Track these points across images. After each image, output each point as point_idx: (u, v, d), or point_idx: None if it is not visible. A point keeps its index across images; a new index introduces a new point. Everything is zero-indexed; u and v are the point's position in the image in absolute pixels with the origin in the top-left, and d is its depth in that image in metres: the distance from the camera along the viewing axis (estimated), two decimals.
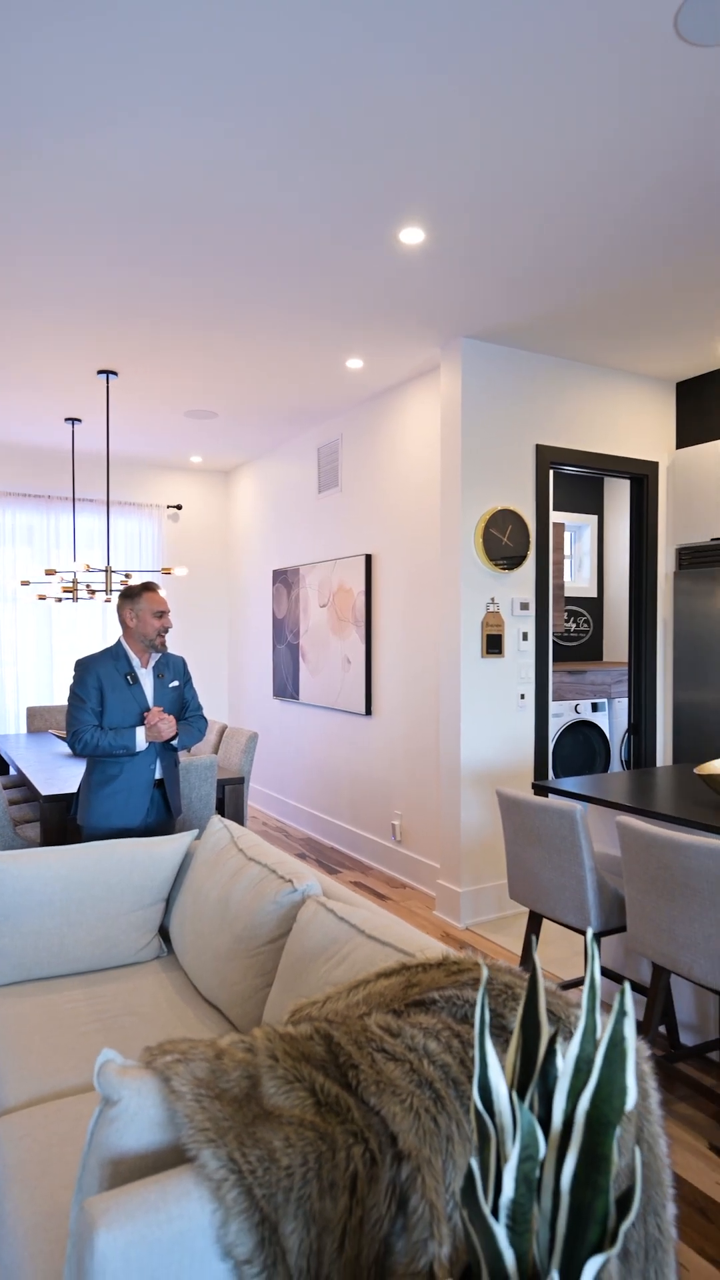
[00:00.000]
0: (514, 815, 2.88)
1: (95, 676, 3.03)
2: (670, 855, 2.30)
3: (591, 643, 6.95)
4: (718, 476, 4.38)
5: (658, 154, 2.51)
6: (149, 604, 3.09)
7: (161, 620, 3.10)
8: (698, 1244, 1.98)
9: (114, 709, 3.04)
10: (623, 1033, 0.80)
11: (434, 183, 2.65)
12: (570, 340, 4.13)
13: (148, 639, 3.10)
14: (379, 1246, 1.14)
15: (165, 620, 3.11)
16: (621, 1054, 0.80)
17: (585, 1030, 0.85)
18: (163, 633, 3.11)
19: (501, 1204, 0.81)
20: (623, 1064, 0.80)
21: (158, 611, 3.09)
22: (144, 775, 3.09)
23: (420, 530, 4.67)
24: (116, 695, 3.04)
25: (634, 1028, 0.80)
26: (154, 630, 3.09)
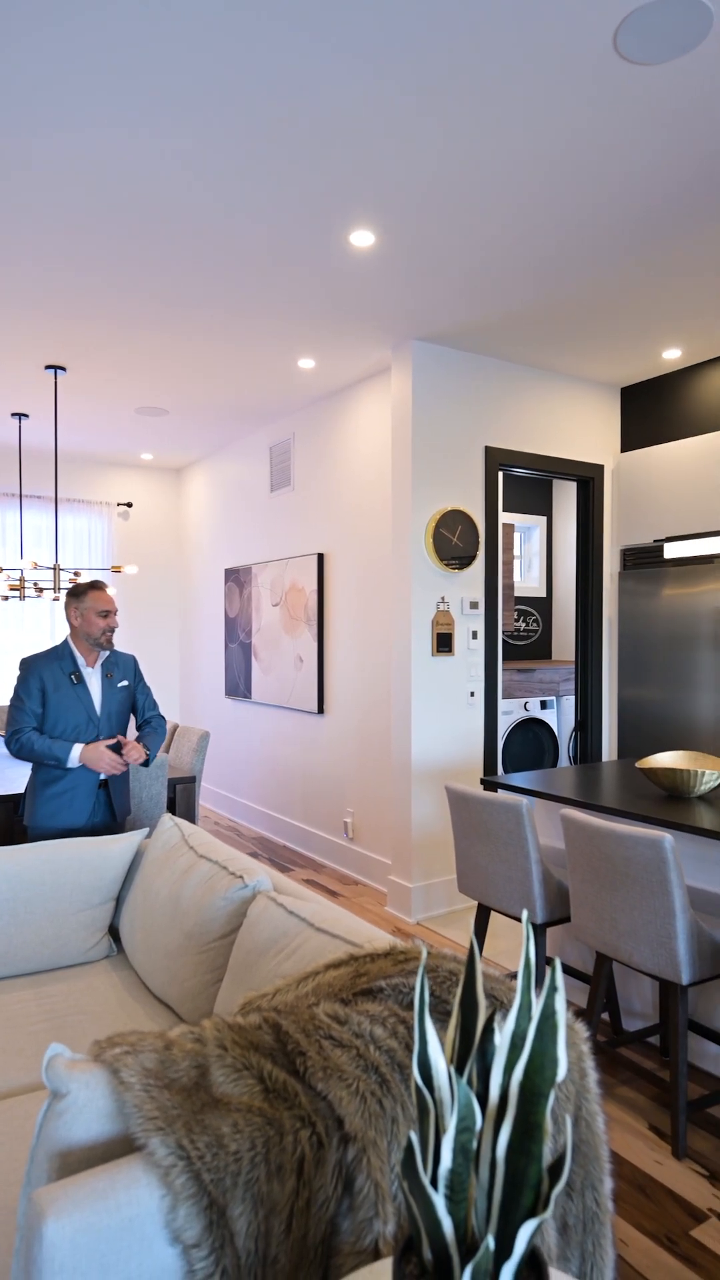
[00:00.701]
0: (462, 810, 2.93)
1: (38, 676, 2.99)
2: (611, 846, 2.38)
3: (541, 641, 7.08)
4: (660, 480, 4.51)
5: (600, 167, 2.58)
6: (94, 603, 3.06)
7: (107, 620, 3.07)
8: (636, 1220, 2.05)
9: (58, 709, 3.01)
10: (554, 1007, 0.84)
11: (383, 187, 2.69)
12: (519, 345, 4.21)
13: (93, 638, 3.07)
14: (326, 1227, 1.17)
15: (111, 620, 3.08)
16: (553, 1027, 0.84)
17: (520, 1007, 0.89)
18: (108, 632, 3.08)
19: (440, 1174, 0.85)
20: (554, 1036, 0.84)
21: (103, 611, 3.06)
22: (89, 776, 3.05)
23: (372, 529, 4.72)
24: (60, 695, 3.01)
25: (564, 1002, 0.85)
26: (99, 629, 3.06)
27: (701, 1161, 2.27)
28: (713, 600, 4.06)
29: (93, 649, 3.11)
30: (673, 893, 2.24)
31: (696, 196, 2.77)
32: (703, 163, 2.57)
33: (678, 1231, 2.01)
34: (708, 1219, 2.05)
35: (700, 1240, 1.98)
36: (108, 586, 3.16)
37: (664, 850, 2.24)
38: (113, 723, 3.13)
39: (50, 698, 3.00)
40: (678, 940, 2.26)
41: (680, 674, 4.23)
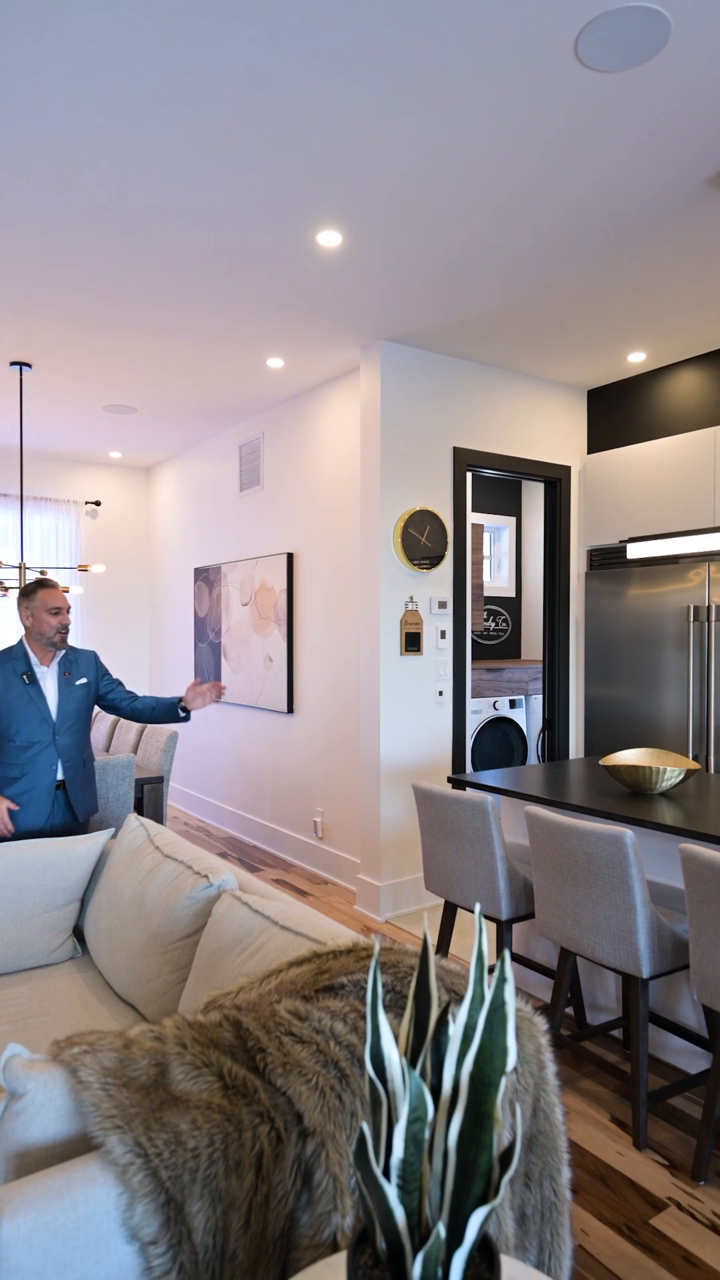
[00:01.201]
0: (429, 808, 2.95)
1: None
2: (574, 842, 2.41)
3: (510, 641, 7.14)
4: (625, 481, 4.57)
5: (564, 172, 2.61)
6: (44, 601, 3.01)
7: (59, 617, 3.02)
8: (597, 1209, 2.08)
9: (10, 711, 2.96)
10: (503, 998, 0.86)
11: (349, 188, 2.70)
12: (487, 346, 4.25)
13: (46, 637, 3.02)
14: (285, 1221, 1.18)
15: (63, 617, 3.03)
16: (502, 1017, 0.86)
17: (473, 999, 0.91)
18: (61, 630, 3.03)
19: (392, 1164, 0.86)
20: (503, 1027, 0.86)
21: (53, 608, 3.01)
22: (45, 778, 3.01)
23: (341, 529, 4.72)
24: (12, 695, 2.96)
25: (514, 993, 0.86)
26: (51, 628, 3.01)
27: (662, 1152, 2.31)
28: (676, 600, 4.13)
29: (48, 648, 3.06)
30: (634, 887, 2.28)
31: (658, 203, 2.81)
32: (663, 170, 2.61)
33: (637, 1220, 2.04)
34: (667, 1208, 2.09)
35: (659, 1229, 2.02)
36: (58, 584, 3.10)
37: (625, 846, 2.27)
38: (71, 723, 3.07)
39: (2, 700, 2.95)
40: (638, 934, 2.29)
41: (645, 673, 4.29)
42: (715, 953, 2.08)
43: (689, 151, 2.51)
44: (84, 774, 3.14)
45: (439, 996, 1.48)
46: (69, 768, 3.07)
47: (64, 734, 3.05)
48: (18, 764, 2.98)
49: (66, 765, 3.06)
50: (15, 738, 2.96)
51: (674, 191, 2.74)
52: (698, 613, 4.03)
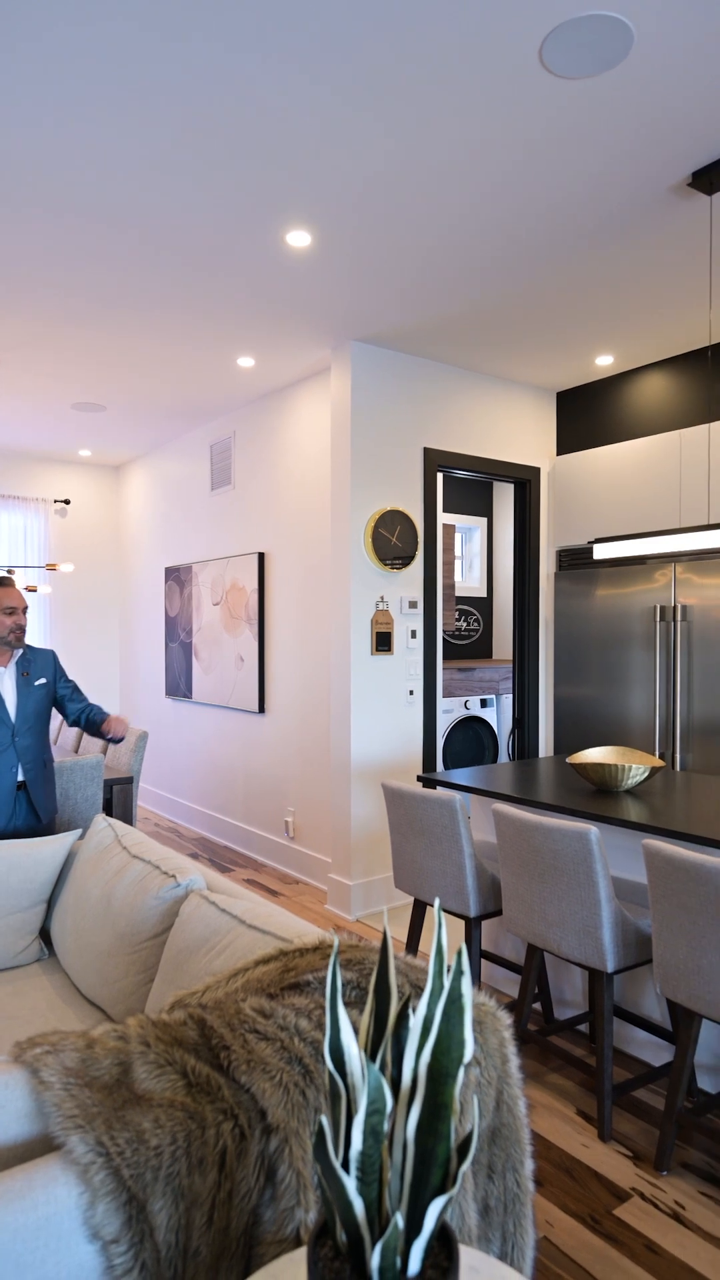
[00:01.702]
0: (398, 807, 2.97)
1: None
2: (540, 839, 2.44)
3: (482, 641, 7.19)
4: (593, 483, 4.62)
5: (531, 176, 2.64)
6: (5, 602, 2.98)
7: (12, 617, 2.99)
8: (562, 1201, 2.11)
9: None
10: (460, 990, 0.87)
11: (318, 188, 2.71)
12: (457, 348, 4.27)
13: (0, 637, 3.00)
14: (248, 1217, 1.18)
15: (17, 617, 3.00)
16: (459, 1009, 0.87)
17: (431, 992, 0.92)
18: (16, 630, 3.00)
19: (351, 1156, 0.87)
20: (460, 1019, 0.87)
21: (7, 608, 2.98)
22: (6, 779, 2.97)
23: (312, 529, 4.73)
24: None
25: (470, 985, 0.88)
26: (4, 628, 2.98)
27: (626, 1143, 2.35)
28: (643, 601, 4.18)
29: (2, 648, 3.02)
30: (598, 883, 2.31)
31: (624, 209, 2.85)
32: (629, 177, 2.65)
33: (601, 1211, 2.07)
34: (630, 1198, 2.12)
35: (622, 1219, 2.05)
36: (14, 583, 3.07)
37: (590, 842, 2.31)
38: (30, 723, 3.04)
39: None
40: (603, 929, 2.32)
41: (613, 672, 4.35)
42: (677, 946, 2.12)
43: (654, 158, 2.55)
44: (45, 775, 3.11)
45: (399, 991, 1.50)
46: (29, 769, 3.03)
47: (23, 735, 3.02)
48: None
49: (27, 767, 3.02)
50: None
51: (640, 198, 2.78)
52: (664, 613, 4.09)
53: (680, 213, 2.88)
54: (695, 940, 2.06)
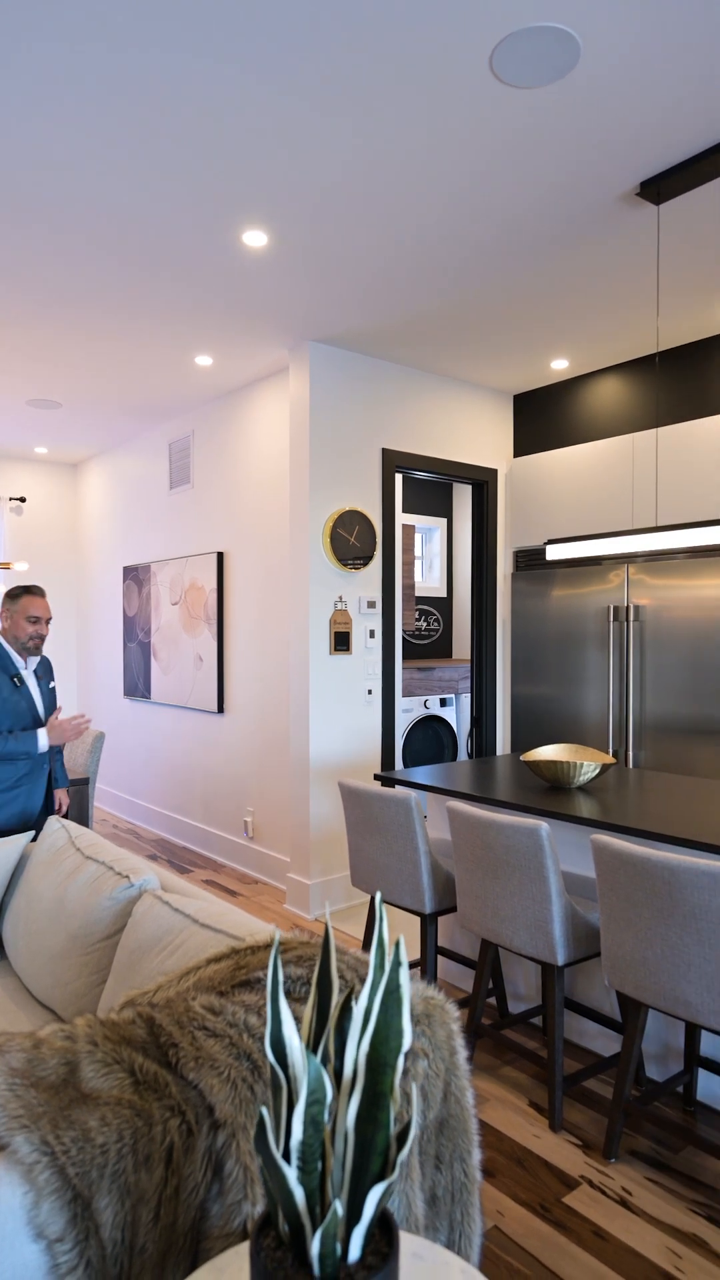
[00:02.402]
0: (354, 805, 2.99)
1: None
2: (492, 835, 2.47)
3: (442, 641, 7.24)
4: (549, 485, 4.69)
5: (484, 183, 2.68)
6: (24, 608, 3.09)
7: (35, 626, 3.11)
8: (513, 1190, 2.15)
9: (5, 710, 3.03)
10: (397, 981, 0.89)
11: (274, 189, 2.71)
12: (415, 350, 4.31)
13: (19, 642, 3.11)
14: (195, 1212, 1.19)
15: (40, 627, 3.12)
16: (397, 1000, 0.89)
17: (372, 984, 0.94)
18: (36, 638, 3.12)
19: (292, 1146, 0.88)
20: (398, 1009, 0.89)
21: (31, 617, 3.09)
22: (42, 775, 3.17)
23: (272, 528, 4.73)
24: (7, 697, 3.04)
25: (408, 976, 0.90)
26: (26, 634, 3.09)
27: (576, 1133, 2.39)
28: (598, 601, 4.26)
29: (20, 652, 3.14)
30: (549, 878, 2.36)
31: (576, 217, 2.91)
32: (581, 185, 2.70)
33: (551, 1199, 2.12)
34: (579, 1186, 2.17)
35: (571, 1206, 2.09)
36: (44, 593, 3.22)
37: (540, 838, 2.35)
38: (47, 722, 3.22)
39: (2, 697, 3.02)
40: (553, 923, 2.37)
41: (569, 671, 4.42)
42: (624, 939, 2.17)
43: (605, 168, 2.60)
44: (62, 770, 3.34)
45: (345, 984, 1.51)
46: (57, 766, 3.28)
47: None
48: (14, 764, 3.08)
49: (54, 764, 3.26)
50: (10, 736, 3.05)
51: (591, 206, 2.84)
52: (617, 613, 4.17)
53: (629, 221, 2.95)
54: (641, 932, 2.12)
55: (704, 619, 3.81)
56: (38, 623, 3.10)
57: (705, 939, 1.98)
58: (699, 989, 2.01)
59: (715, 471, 3.90)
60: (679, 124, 2.38)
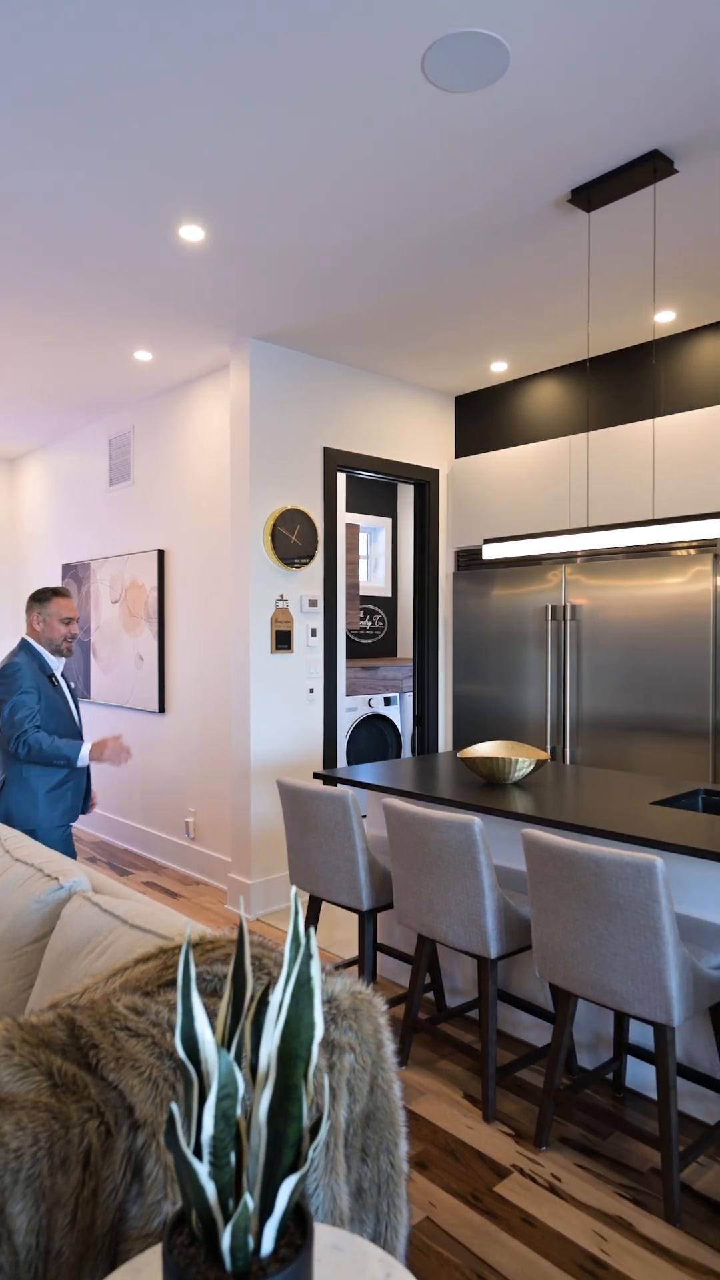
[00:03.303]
0: (292, 803, 2.99)
1: (31, 677, 3.00)
2: (428, 831, 2.50)
3: (387, 640, 7.28)
4: (488, 485, 4.75)
5: (419, 184, 2.70)
6: (58, 610, 3.10)
7: (69, 627, 3.12)
8: (446, 1182, 2.17)
9: (48, 709, 3.04)
10: (308, 973, 0.90)
11: (209, 185, 2.69)
12: (357, 349, 4.32)
13: (54, 644, 3.11)
14: (114, 1214, 1.18)
15: (73, 627, 3.13)
16: (308, 993, 0.90)
17: (286, 978, 0.94)
18: (68, 639, 3.12)
19: (203, 1142, 0.88)
20: (310, 1002, 0.90)
21: (65, 618, 3.10)
22: (83, 771, 3.20)
23: (213, 526, 4.69)
24: (49, 696, 3.06)
25: (319, 969, 0.90)
26: (60, 636, 3.11)
27: (509, 1123, 2.43)
28: (536, 601, 4.33)
29: (52, 654, 3.13)
30: (482, 873, 2.39)
31: (511, 222, 2.95)
32: (514, 191, 2.74)
33: (482, 1189, 2.15)
34: (510, 1174, 2.20)
35: (502, 1194, 2.12)
36: (71, 593, 3.25)
37: (473, 833, 2.38)
38: (79, 721, 3.23)
39: (43, 699, 3.04)
40: (486, 917, 2.40)
41: (509, 670, 4.49)
42: (554, 931, 2.21)
43: (537, 174, 2.65)
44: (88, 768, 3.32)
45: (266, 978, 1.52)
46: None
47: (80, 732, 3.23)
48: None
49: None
50: (55, 735, 3.06)
51: (525, 212, 2.88)
52: (555, 612, 4.25)
53: (562, 228, 3.01)
54: (570, 924, 2.16)
55: (637, 618, 3.91)
56: (70, 623, 3.12)
57: (630, 929, 2.03)
58: (624, 978, 2.06)
59: (644, 475, 4.00)
60: (608, 134, 2.44)
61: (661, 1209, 2.07)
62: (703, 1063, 2.43)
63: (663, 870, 1.97)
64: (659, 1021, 2.02)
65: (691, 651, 3.71)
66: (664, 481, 3.94)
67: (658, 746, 3.83)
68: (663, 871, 1.97)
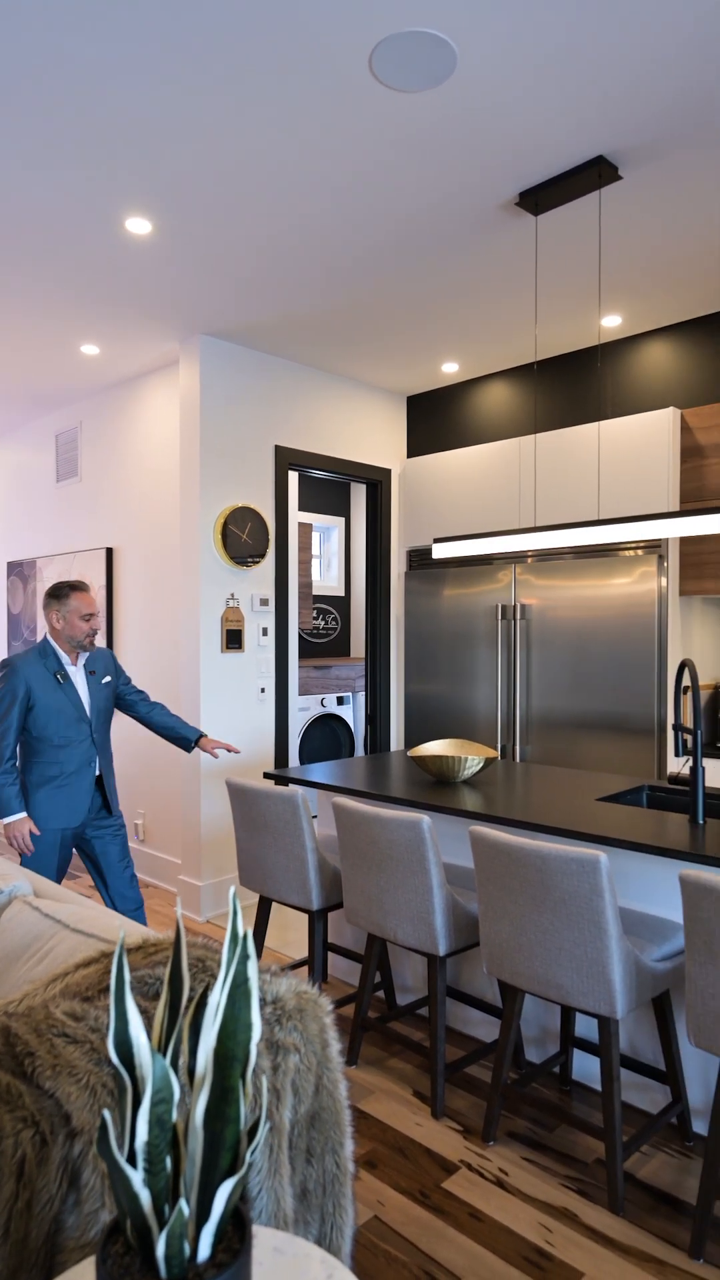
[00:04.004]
0: (241, 804, 2.96)
1: (23, 679, 2.97)
2: (377, 830, 2.50)
3: (340, 639, 7.27)
4: (439, 486, 4.78)
5: (371, 184, 2.70)
6: (78, 605, 3.04)
7: (90, 622, 3.07)
8: (394, 1180, 2.17)
9: (47, 710, 3.00)
10: (245, 974, 0.88)
11: (157, 177, 2.66)
12: (309, 348, 4.31)
13: (76, 640, 3.06)
14: (49, 1225, 1.15)
15: (94, 622, 3.07)
16: (245, 994, 0.89)
17: (223, 979, 0.93)
18: (91, 634, 3.07)
19: (138, 1148, 0.86)
20: (247, 1002, 0.89)
21: (85, 614, 3.06)
22: (85, 775, 3.09)
23: (163, 524, 4.63)
24: (49, 696, 3.01)
25: (256, 969, 0.89)
26: (82, 632, 3.05)
27: (457, 1119, 2.45)
28: (487, 600, 4.37)
29: (74, 649, 3.09)
30: (430, 871, 2.40)
31: (460, 224, 2.97)
32: (463, 193, 2.76)
33: (430, 1185, 2.15)
34: (458, 1169, 2.21)
35: (450, 1190, 2.13)
36: (89, 587, 3.17)
37: (422, 831, 2.39)
38: (102, 720, 3.14)
39: (39, 699, 2.99)
40: (435, 915, 2.41)
41: (460, 669, 4.52)
42: (501, 927, 2.23)
43: (485, 176, 2.67)
44: (111, 768, 3.23)
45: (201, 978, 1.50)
46: (104, 764, 3.16)
47: (98, 731, 3.13)
48: (56, 762, 3.04)
49: (103, 762, 3.15)
50: (53, 737, 3.02)
51: (473, 214, 2.90)
52: (505, 611, 4.29)
53: (510, 231, 3.03)
54: (516, 920, 2.18)
55: (586, 618, 3.96)
56: (90, 619, 3.07)
57: (575, 924, 2.05)
58: (569, 972, 2.08)
59: (590, 477, 4.06)
60: (555, 138, 2.47)
61: (606, 1199, 2.10)
62: (646, 1054, 2.47)
63: (606, 865, 2.00)
64: (603, 1014, 2.05)
65: (638, 650, 3.77)
66: (609, 484, 4.00)
67: (605, 744, 3.90)
68: (606, 867, 2.00)
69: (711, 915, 1.82)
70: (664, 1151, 2.28)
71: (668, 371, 4.10)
